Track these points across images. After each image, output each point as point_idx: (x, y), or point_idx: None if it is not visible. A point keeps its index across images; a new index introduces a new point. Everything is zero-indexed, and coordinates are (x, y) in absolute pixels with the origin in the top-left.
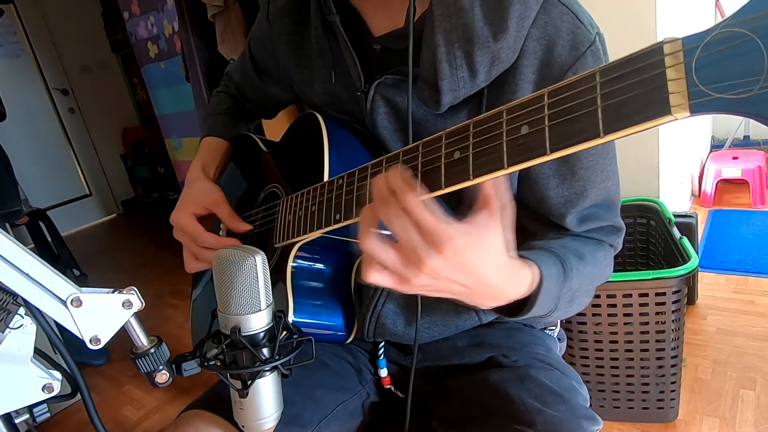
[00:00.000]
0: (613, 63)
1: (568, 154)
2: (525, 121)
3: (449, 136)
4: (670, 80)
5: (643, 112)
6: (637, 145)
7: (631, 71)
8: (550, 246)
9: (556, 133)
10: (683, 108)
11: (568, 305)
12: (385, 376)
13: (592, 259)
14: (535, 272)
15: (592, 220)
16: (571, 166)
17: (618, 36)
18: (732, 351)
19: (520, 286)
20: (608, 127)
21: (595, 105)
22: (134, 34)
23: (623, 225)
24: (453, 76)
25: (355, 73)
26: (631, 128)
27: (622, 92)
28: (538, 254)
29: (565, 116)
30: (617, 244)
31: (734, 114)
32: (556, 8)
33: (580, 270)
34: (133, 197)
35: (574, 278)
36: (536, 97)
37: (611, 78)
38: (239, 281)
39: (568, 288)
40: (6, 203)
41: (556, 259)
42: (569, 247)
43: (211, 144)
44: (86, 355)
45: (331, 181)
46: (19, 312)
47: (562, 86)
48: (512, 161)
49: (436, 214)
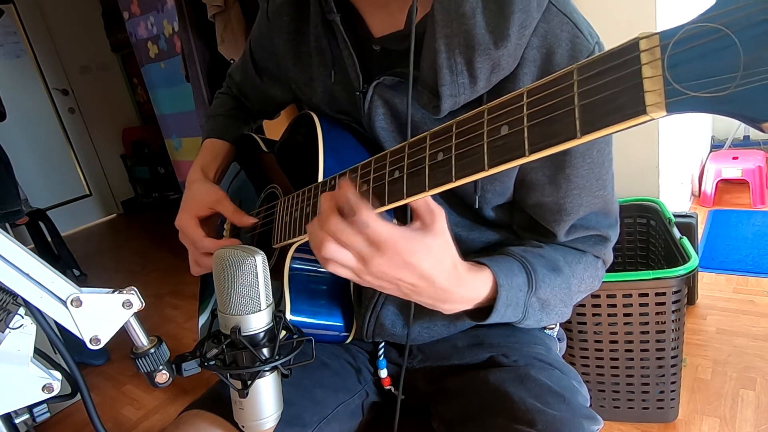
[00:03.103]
0: (590, 60)
1: (566, 160)
2: (504, 122)
3: (434, 137)
4: (645, 78)
5: (618, 111)
6: (637, 145)
7: (607, 68)
8: (520, 254)
9: (534, 134)
10: (659, 107)
11: (540, 314)
12: (385, 377)
13: (569, 271)
14: (490, 279)
15: (580, 228)
16: (567, 174)
17: (618, 36)
18: (732, 351)
19: (472, 289)
20: (585, 127)
21: (572, 104)
22: (134, 34)
23: (613, 236)
24: (453, 82)
25: (353, 73)
26: (607, 128)
27: (599, 91)
28: (499, 260)
29: (543, 116)
30: (604, 255)
31: (713, 113)
32: (557, 17)
33: (551, 282)
34: (133, 197)
35: (542, 289)
36: (515, 96)
37: (588, 76)
38: (239, 281)
39: (537, 299)
40: (6, 203)
41: (520, 268)
42: (545, 257)
43: (212, 145)
44: (86, 355)
45: (325, 181)
46: (19, 312)
47: (541, 85)
48: (492, 162)
49: (378, 220)
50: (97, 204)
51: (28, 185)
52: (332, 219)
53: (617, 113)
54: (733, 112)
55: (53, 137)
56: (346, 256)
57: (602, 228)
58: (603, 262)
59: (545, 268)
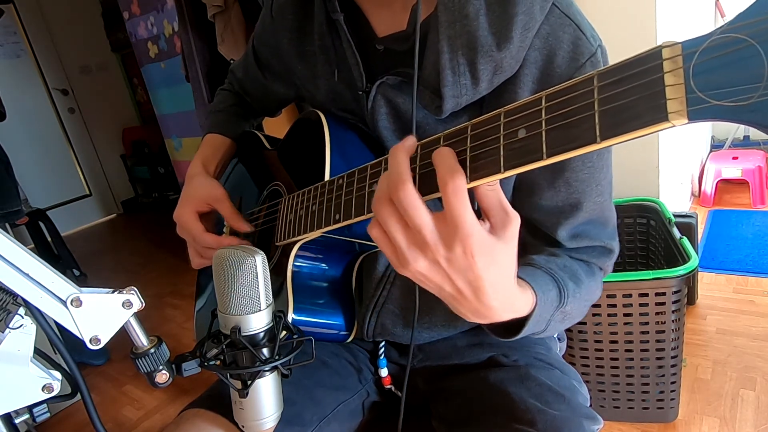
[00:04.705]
0: (611, 67)
1: (565, 164)
2: (522, 125)
3: (447, 138)
4: (667, 86)
5: (640, 118)
6: (637, 145)
7: (629, 75)
8: (550, 268)
9: (553, 138)
10: (681, 114)
11: (558, 325)
12: (386, 376)
13: (587, 282)
14: (531, 300)
15: (583, 237)
16: (567, 178)
17: (618, 35)
18: (732, 351)
19: (514, 312)
20: (605, 132)
21: (593, 110)
22: (134, 34)
23: (615, 248)
24: (456, 83)
25: (357, 72)
26: (628, 134)
27: (620, 97)
28: (538, 277)
29: (562, 120)
30: (607, 267)
31: (733, 121)
32: (560, 19)
33: (576, 295)
34: (133, 197)
35: (569, 303)
36: (534, 101)
37: (609, 82)
38: (239, 281)
39: (561, 312)
40: (6, 203)
41: (554, 284)
42: (569, 268)
43: (213, 140)
44: (86, 355)
45: (332, 180)
46: (19, 312)
47: (560, 90)
48: (509, 165)
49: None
50: (97, 204)
51: (28, 185)
52: (408, 184)
53: (638, 119)
54: (755, 121)
55: (53, 137)
56: (397, 230)
57: (605, 239)
58: (603, 274)
59: (572, 281)
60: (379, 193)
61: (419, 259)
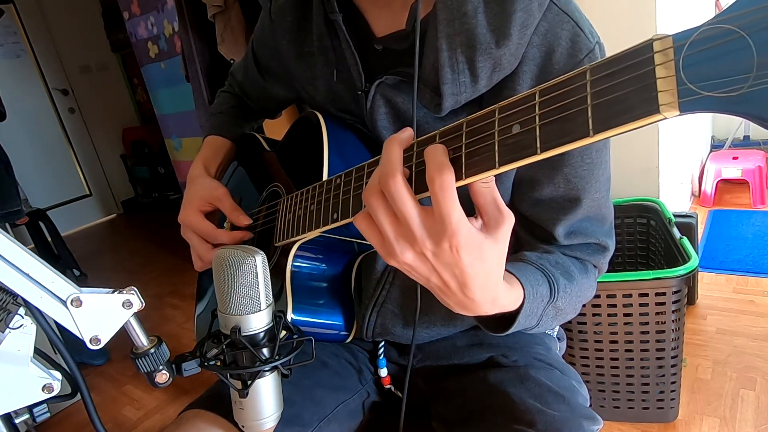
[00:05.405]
0: (603, 60)
1: (564, 160)
2: (516, 121)
3: (443, 135)
4: (659, 78)
5: (632, 110)
6: (638, 145)
7: (620, 69)
8: (542, 263)
9: (546, 132)
10: (672, 106)
11: (550, 321)
12: (385, 376)
13: (580, 278)
14: (520, 295)
15: (579, 234)
16: (566, 174)
17: (617, 32)
18: (732, 351)
19: (501, 307)
20: (598, 126)
21: (585, 104)
22: (134, 34)
23: (610, 245)
24: (455, 80)
25: (356, 72)
26: (620, 127)
27: (612, 90)
28: (528, 273)
29: (555, 115)
30: (601, 266)
31: (725, 113)
32: (558, 16)
33: (568, 291)
34: (133, 197)
35: (560, 299)
36: (528, 96)
37: (601, 76)
38: (239, 281)
39: (553, 307)
40: (6, 203)
41: (545, 280)
42: (561, 264)
43: (214, 142)
44: (86, 355)
45: (330, 180)
46: (19, 312)
47: (553, 84)
48: (504, 160)
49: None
50: (97, 204)
51: (28, 185)
52: (399, 176)
53: (630, 112)
54: (745, 112)
55: (53, 137)
56: (386, 221)
57: (600, 236)
58: (598, 272)
59: (563, 277)
60: (371, 184)
61: (406, 251)
